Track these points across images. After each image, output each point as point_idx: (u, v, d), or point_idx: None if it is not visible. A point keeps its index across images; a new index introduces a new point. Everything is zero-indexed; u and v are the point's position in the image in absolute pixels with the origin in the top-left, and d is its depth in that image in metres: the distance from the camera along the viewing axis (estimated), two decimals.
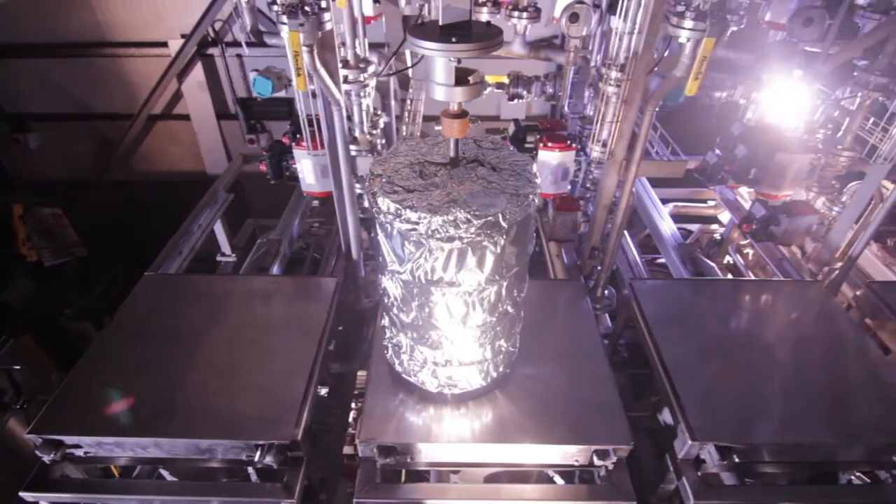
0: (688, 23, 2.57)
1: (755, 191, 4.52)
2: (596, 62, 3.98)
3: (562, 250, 4.65)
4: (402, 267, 2.32)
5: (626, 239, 5.07)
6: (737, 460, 2.69)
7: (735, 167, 4.40)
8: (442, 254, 2.20)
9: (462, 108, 2.20)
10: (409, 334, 2.64)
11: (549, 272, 4.56)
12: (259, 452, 2.62)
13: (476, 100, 2.20)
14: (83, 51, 8.08)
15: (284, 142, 4.39)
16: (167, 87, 8.26)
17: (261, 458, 2.61)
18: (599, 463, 2.66)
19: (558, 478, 3.04)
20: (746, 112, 4.55)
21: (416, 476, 3.13)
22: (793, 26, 3.89)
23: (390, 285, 2.51)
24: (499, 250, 2.24)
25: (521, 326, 2.88)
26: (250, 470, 3.03)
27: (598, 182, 3.86)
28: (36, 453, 2.65)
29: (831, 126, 4.36)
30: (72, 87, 8.45)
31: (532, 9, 4.01)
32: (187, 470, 3.06)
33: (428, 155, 2.48)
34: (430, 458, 2.75)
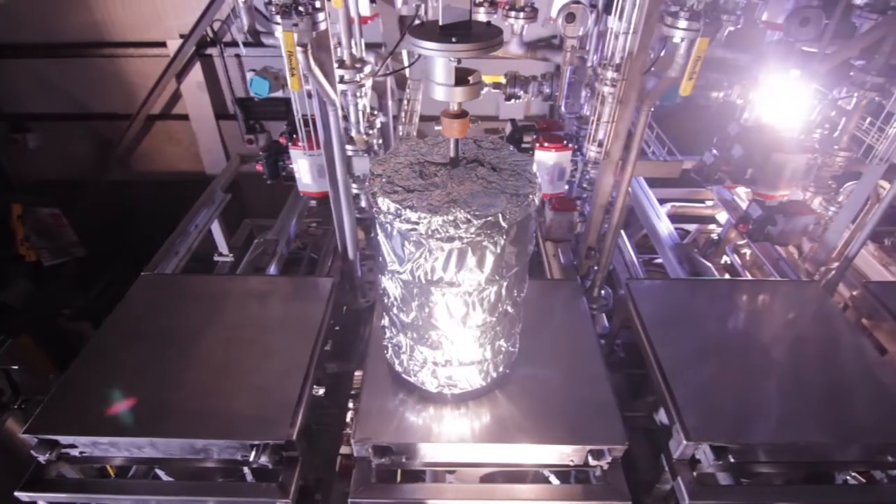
0: (682, 23, 2.57)
1: (752, 191, 4.53)
2: (593, 62, 3.98)
3: (558, 250, 4.65)
4: (402, 267, 2.32)
5: (623, 239, 5.06)
6: (732, 460, 2.69)
7: (731, 167, 4.40)
8: (442, 254, 2.20)
9: (462, 108, 2.20)
10: (409, 334, 2.64)
11: (546, 272, 4.57)
12: (254, 452, 2.62)
13: (475, 100, 2.19)
14: (82, 51, 8.05)
15: (281, 142, 4.39)
16: (166, 88, 8.24)
17: (256, 459, 2.61)
18: (594, 463, 2.66)
19: (554, 478, 3.05)
20: (743, 112, 4.55)
21: (412, 476, 3.12)
22: (789, 26, 3.89)
23: (390, 285, 2.51)
24: (499, 250, 2.24)
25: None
26: (246, 470, 3.03)
27: (595, 182, 3.86)
28: (31, 453, 2.65)
29: (828, 126, 4.36)
30: (70, 87, 8.43)
31: (529, 9, 4.01)
32: (183, 470, 3.06)
33: (428, 155, 2.47)
34: (426, 458, 2.75)
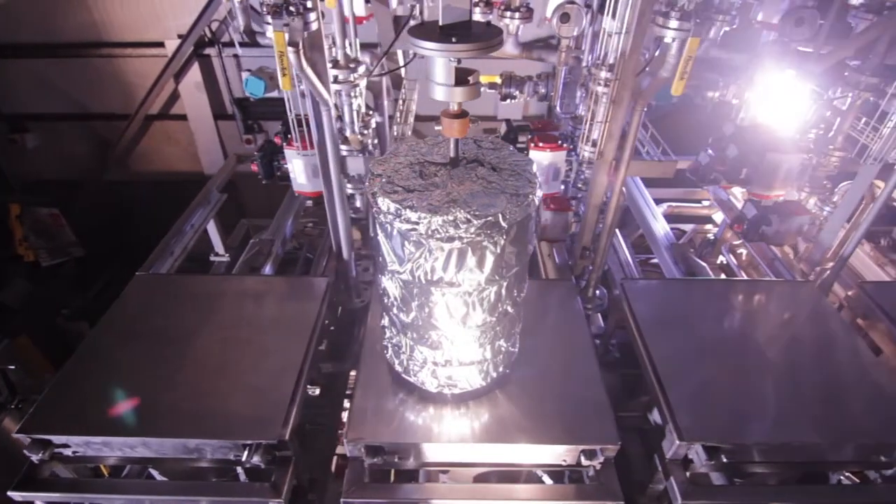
0: (673, 23, 2.58)
1: (747, 191, 4.53)
2: (587, 62, 3.98)
3: (553, 250, 4.65)
4: (402, 267, 2.31)
5: (618, 239, 5.06)
6: (725, 460, 2.69)
7: (727, 167, 4.40)
8: (442, 254, 2.20)
9: (462, 108, 2.20)
10: (409, 334, 2.63)
11: (541, 272, 4.57)
12: (247, 452, 2.61)
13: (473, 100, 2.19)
14: (80, 51, 8.06)
15: (276, 142, 4.40)
16: (164, 88, 8.26)
17: (248, 458, 2.61)
18: (587, 463, 2.66)
19: (547, 477, 3.05)
20: (739, 112, 4.55)
21: (406, 476, 3.13)
22: (784, 26, 3.89)
23: (390, 285, 2.50)
24: (499, 250, 2.23)
25: None
26: (239, 470, 3.03)
27: (589, 182, 3.86)
28: (24, 453, 2.66)
29: (823, 126, 4.36)
30: (69, 88, 8.44)
31: (524, 9, 4.02)
32: (177, 470, 3.05)
33: (428, 155, 2.47)
34: (418, 458, 2.75)
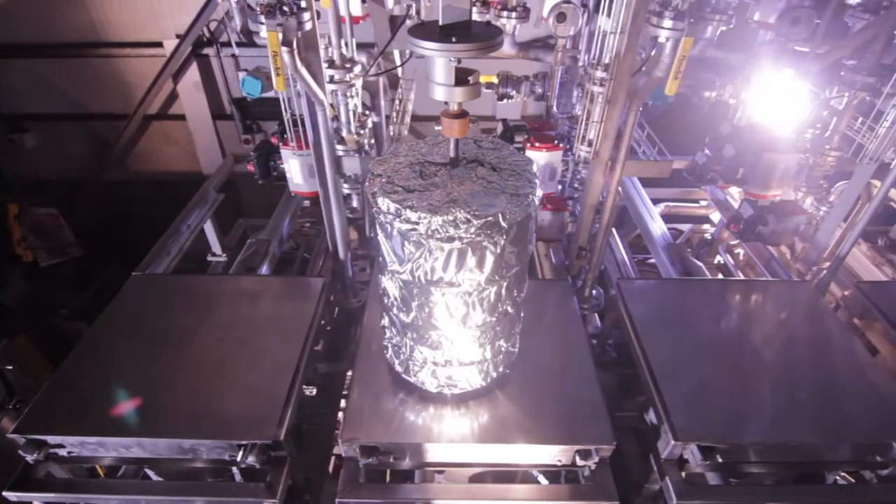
0: (667, 22, 2.57)
1: (743, 191, 4.52)
2: (584, 62, 3.97)
3: (550, 250, 4.65)
4: (402, 267, 2.31)
5: (615, 238, 5.06)
6: (720, 460, 2.69)
7: (723, 167, 4.39)
8: (442, 254, 2.20)
9: (462, 108, 2.20)
10: (409, 334, 2.64)
11: (538, 272, 4.57)
12: (241, 452, 2.62)
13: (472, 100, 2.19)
14: (79, 51, 8.05)
15: (273, 142, 4.40)
16: (163, 88, 8.24)
17: (243, 458, 2.61)
18: (582, 463, 2.66)
19: (542, 477, 3.05)
20: (736, 112, 4.54)
21: (401, 476, 3.13)
22: (781, 26, 3.89)
23: (390, 285, 2.51)
24: (499, 250, 2.24)
25: None
26: (235, 470, 3.03)
27: (585, 182, 3.86)
28: (19, 453, 2.66)
29: (819, 126, 4.35)
30: (67, 88, 8.43)
31: (521, 9, 4.01)
32: (173, 470, 3.05)
33: (428, 155, 2.47)
34: (413, 458, 2.75)
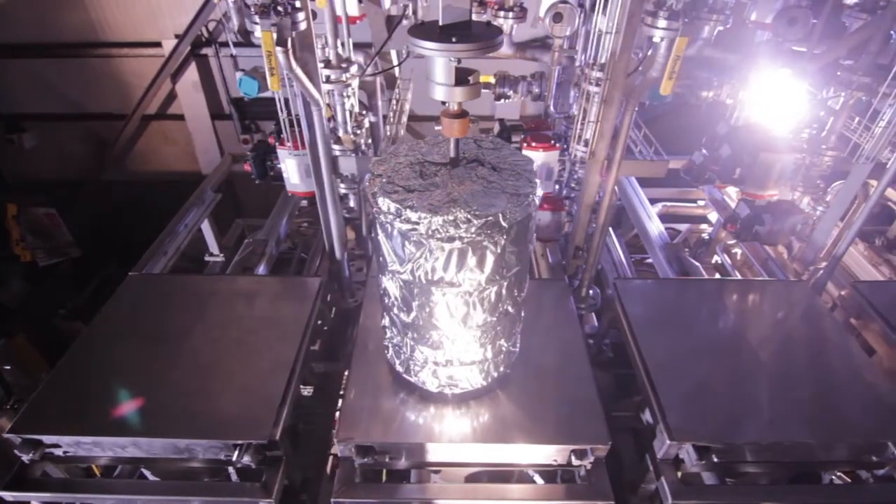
0: (661, 22, 2.58)
1: (740, 190, 4.52)
2: (580, 62, 3.97)
3: (546, 250, 4.66)
4: (403, 267, 2.32)
5: (612, 238, 5.06)
6: (715, 460, 2.69)
7: (721, 167, 4.39)
8: (442, 254, 2.20)
9: (462, 108, 2.20)
10: (410, 334, 2.64)
11: (534, 272, 4.57)
12: (237, 452, 2.62)
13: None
14: (77, 51, 8.05)
15: (270, 142, 4.40)
16: (161, 87, 8.24)
17: (239, 458, 2.62)
18: (577, 463, 2.66)
19: (538, 477, 3.05)
20: (733, 111, 4.54)
21: (397, 476, 3.13)
22: (777, 26, 3.89)
23: (391, 285, 2.51)
24: (499, 250, 2.24)
25: None
26: (231, 470, 3.03)
27: (582, 181, 3.85)
28: (15, 453, 2.66)
29: (816, 125, 4.35)
30: (66, 88, 8.43)
31: (518, 9, 4.01)
32: (169, 469, 3.05)
33: (428, 155, 2.47)
34: (409, 458, 2.75)
